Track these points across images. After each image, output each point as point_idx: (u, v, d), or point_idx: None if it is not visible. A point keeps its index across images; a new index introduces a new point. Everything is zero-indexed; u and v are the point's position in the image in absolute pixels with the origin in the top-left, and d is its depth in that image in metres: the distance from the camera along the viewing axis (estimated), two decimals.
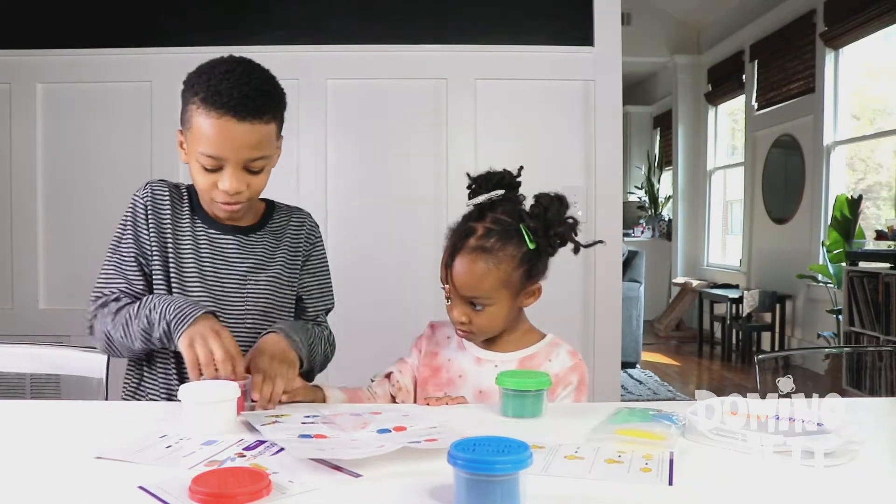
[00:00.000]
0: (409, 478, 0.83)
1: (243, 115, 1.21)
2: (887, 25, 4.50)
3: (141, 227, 1.33)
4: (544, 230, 1.24)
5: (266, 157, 1.27)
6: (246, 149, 1.23)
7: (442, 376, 1.31)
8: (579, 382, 1.27)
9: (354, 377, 1.43)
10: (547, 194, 1.27)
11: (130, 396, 1.37)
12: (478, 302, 1.24)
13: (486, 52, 2.54)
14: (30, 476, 0.86)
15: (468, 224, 1.27)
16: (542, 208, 1.25)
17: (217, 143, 1.22)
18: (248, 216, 1.40)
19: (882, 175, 5.06)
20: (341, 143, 2.56)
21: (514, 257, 1.23)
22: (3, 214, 2.55)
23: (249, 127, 1.22)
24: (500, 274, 1.22)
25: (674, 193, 7.67)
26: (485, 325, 1.26)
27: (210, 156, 1.23)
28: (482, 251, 1.22)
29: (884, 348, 3.90)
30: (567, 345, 1.32)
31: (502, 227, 1.24)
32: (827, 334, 4.76)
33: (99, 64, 2.51)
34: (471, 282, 1.22)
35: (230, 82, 1.21)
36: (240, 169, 1.25)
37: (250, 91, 1.22)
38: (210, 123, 1.21)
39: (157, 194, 1.36)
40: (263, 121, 1.24)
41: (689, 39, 7.27)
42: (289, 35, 2.53)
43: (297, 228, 1.43)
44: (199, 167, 1.26)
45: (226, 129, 1.21)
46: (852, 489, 0.84)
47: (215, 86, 1.21)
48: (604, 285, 2.50)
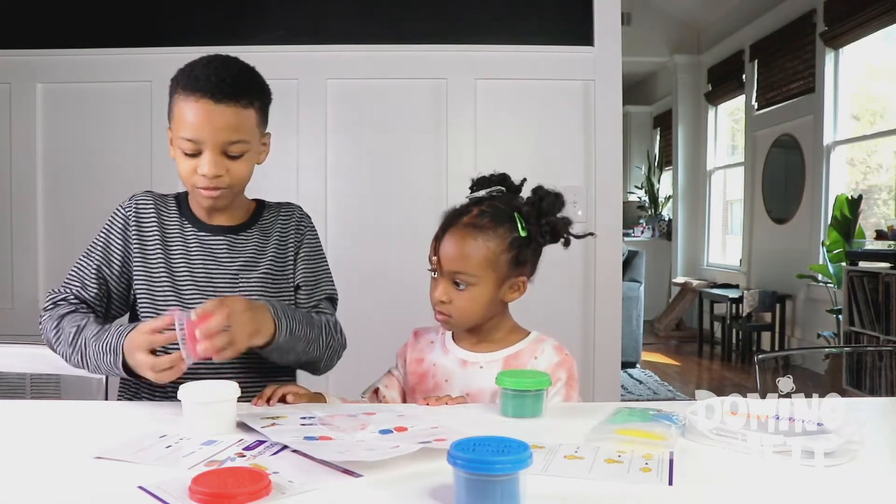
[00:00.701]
0: (409, 478, 0.83)
1: (219, 97, 1.24)
2: (887, 25, 4.49)
3: (115, 239, 1.36)
4: (536, 218, 1.26)
5: (244, 143, 1.28)
6: (223, 131, 1.25)
7: (428, 382, 1.30)
8: (568, 378, 1.26)
9: (353, 377, 1.43)
10: (544, 188, 1.29)
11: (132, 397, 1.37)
12: (461, 280, 1.23)
13: (486, 52, 2.54)
14: (30, 476, 0.86)
15: (464, 206, 1.30)
16: (538, 197, 1.28)
17: (195, 125, 1.25)
18: (237, 214, 1.40)
19: (882, 175, 5.06)
20: (341, 143, 2.56)
21: (503, 239, 1.24)
22: (3, 214, 2.54)
23: (226, 109, 1.25)
24: (487, 253, 1.23)
25: (674, 193, 7.67)
26: (464, 307, 1.24)
27: (189, 139, 1.25)
28: (473, 227, 1.24)
29: (884, 348, 3.90)
30: (552, 340, 1.31)
31: (496, 211, 1.26)
32: (827, 334, 4.76)
33: (99, 64, 2.51)
34: (458, 255, 1.23)
35: (208, 69, 1.26)
36: (218, 153, 1.26)
37: (227, 76, 1.26)
38: (188, 107, 1.25)
39: (139, 206, 1.38)
40: (241, 104, 1.26)
41: (689, 39, 7.27)
42: (289, 35, 2.53)
43: (285, 222, 1.43)
44: (181, 154, 1.28)
45: (203, 110, 1.24)
46: (852, 489, 0.84)
47: (195, 73, 1.27)
48: (604, 285, 2.50)
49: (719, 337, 6.10)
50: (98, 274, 1.35)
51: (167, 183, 2.44)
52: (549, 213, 1.26)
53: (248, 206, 1.43)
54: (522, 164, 2.55)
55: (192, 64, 1.29)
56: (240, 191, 1.37)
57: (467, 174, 2.67)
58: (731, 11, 6.41)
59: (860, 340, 4.16)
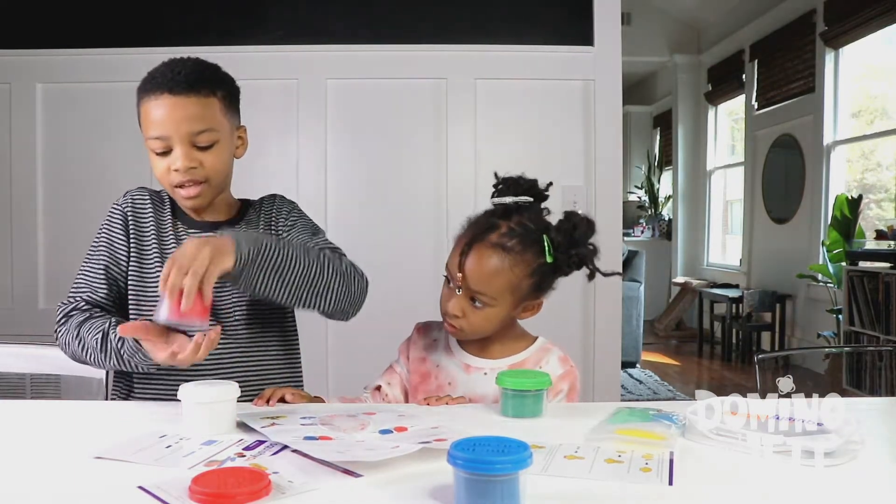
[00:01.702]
0: (409, 478, 0.83)
1: (177, 90, 1.25)
2: (887, 25, 4.49)
3: (116, 236, 1.34)
4: (567, 247, 1.22)
5: (212, 131, 1.27)
6: (186, 121, 1.25)
7: (431, 383, 1.29)
8: (570, 390, 1.25)
9: (352, 376, 1.43)
10: (578, 213, 1.24)
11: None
12: (480, 299, 1.21)
13: (486, 52, 2.54)
14: (30, 476, 0.86)
15: (492, 219, 1.24)
16: (572, 225, 1.23)
17: (158, 121, 1.25)
18: (223, 211, 1.38)
19: (882, 175, 5.06)
20: (341, 143, 2.56)
21: (529, 265, 1.21)
22: (3, 214, 2.55)
23: (185, 99, 1.25)
24: (511, 277, 1.20)
25: (674, 193, 7.67)
26: (477, 324, 1.23)
27: (156, 136, 1.25)
28: (501, 249, 1.20)
29: (884, 348, 3.90)
30: (558, 350, 1.29)
31: (525, 232, 1.22)
32: (827, 334, 4.76)
33: (99, 64, 2.51)
34: (482, 276, 1.19)
35: (164, 68, 1.29)
36: (187, 145, 1.26)
37: (184, 70, 1.27)
38: (150, 105, 1.26)
39: (136, 201, 1.37)
40: (201, 94, 1.27)
41: (689, 39, 7.28)
42: (289, 35, 2.53)
43: (268, 211, 1.41)
44: (153, 155, 1.28)
45: (163, 105, 1.24)
46: (852, 489, 0.84)
47: (152, 74, 1.28)
48: (604, 285, 2.49)
49: (719, 337, 6.10)
50: (107, 274, 1.32)
51: None
52: (580, 244, 1.22)
53: (234, 204, 1.42)
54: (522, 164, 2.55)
55: (152, 70, 1.30)
56: (220, 186, 1.33)
57: (467, 174, 2.67)
58: (731, 11, 6.41)
59: (860, 340, 4.16)
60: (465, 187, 2.51)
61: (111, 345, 1.20)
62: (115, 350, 1.20)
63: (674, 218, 7.65)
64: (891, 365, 3.85)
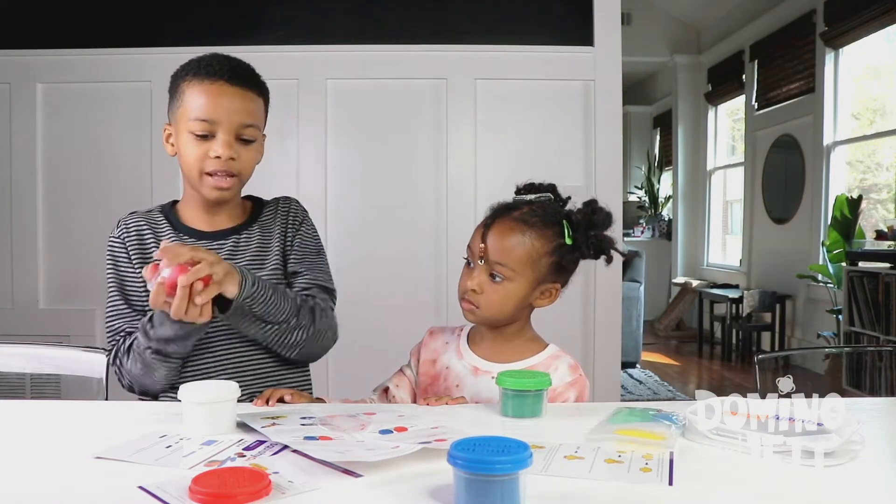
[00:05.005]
0: (409, 478, 0.83)
1: (235, 81, 1.27)
2: (887, 25, 4.49)
3: (123, 267, 1.33)
4: (585, 229, 1.25)
5: (256, 128, 1.30)
6: (239, 113, 1.26)
7: (440, 384, 1.29)
8: (577, 398, 1.25)
9: (353, 377, 1.43)
10: (598, 203, 1.29)
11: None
12: (500, 272, 1.22)
13: (486, 52, 2.54)
14: (30, 476, 0.86)
15: (514, 202, 1.29)
16: (591, 210, 1.27)
17: (210, 105, 1.25)
18: (237, 213, 1.38)
19: (882, 175, 5.06)
20: (341, 142, 2.56)
21: (549, 241, 1.24)
22: (3, 214, 2.55)
23: (241, 92, 1.27)
24: (531, 250, 1.23)
25: (674, 193, 7.67)
26: (495, 300, 1.23)
27: (203, 119, 1.25)
28: (523, 223, 1.24)
29: (884, 348, 3.90)
30: (569, 357, 1.29)
31: (546, 212, 1.26)
32: (827, 334, 4.76)
33: (99, 64, 2.51)
34: (504, 247, 1.22)
35: (221, 58, 1.30)
36: (232, 135, 1.27)
37: (240, 66, 1.30)
38: (203, 89, 1.26)
39: (131, 226, 1.35)
40: (254, 92, 1.30)
41: (689, 39, 7.27)
42: (289, 35, 2.54)
43: (283, 216, 1.41)
44: (190, 139, 1.26)
45: (219, 91, 1.26)
46: (852, 489, 0.84)
47: (207, 62, 1.29)
48: (604, 285, 2.50)
49: (719, 337, 6.10)
50: (131, 307, 1.32)
51: (167, 182, 2.45)
52: (599, 227, 1.26)
53: (245, 205, 1.42)
54: (522, 164, 2.56)
55: (200, 58, 1.31)
56: (243, 184, 1.35)
57: (467, 174, 2.68)
58: (731, 11, 6.40)
59: (860, 340, 4.16)
60: (465, 187, 2.51)
61: (163, 356, 1.23)
62: (170, 359, 1.23)
63: (674, 218, 7.65)
64: (891, 365, 3.84)
